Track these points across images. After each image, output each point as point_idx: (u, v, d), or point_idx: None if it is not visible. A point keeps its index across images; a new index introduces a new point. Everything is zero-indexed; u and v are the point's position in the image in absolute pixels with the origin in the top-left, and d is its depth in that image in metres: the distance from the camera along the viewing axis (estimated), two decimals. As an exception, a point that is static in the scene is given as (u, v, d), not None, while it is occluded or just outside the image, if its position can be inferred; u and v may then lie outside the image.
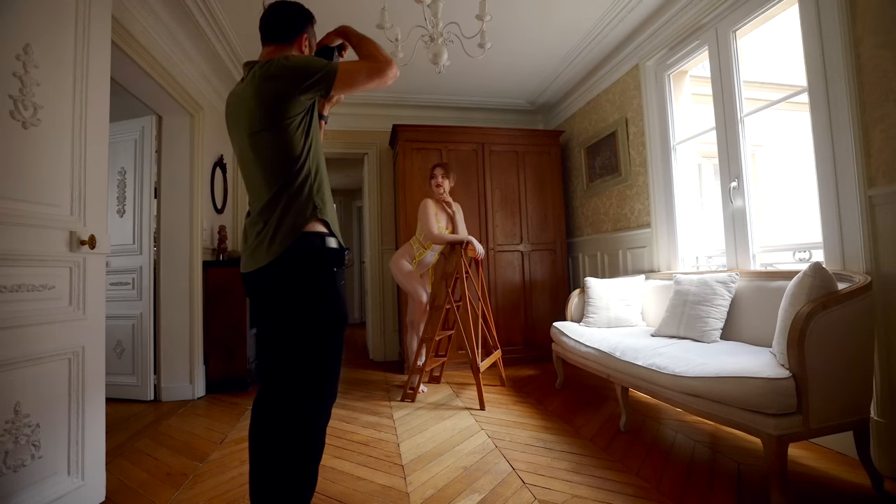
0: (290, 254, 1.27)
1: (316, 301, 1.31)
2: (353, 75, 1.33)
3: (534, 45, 3.59)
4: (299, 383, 1.30)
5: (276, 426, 1.29)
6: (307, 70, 1.28)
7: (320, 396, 1.32)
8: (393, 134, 4.24)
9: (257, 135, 1.30)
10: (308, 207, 1.31)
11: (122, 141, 3.31)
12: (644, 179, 3.45)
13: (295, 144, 1.30)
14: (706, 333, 2.31)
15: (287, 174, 1.30)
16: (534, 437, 2.31)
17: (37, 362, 1.53)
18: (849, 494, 1.66)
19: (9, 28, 1.47)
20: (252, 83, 1.30)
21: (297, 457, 1.29)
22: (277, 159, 1.30)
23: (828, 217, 2.05)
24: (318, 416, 1.32)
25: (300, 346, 1.30)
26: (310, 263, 1.29)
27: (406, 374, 3.80)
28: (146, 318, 3.20)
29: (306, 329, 1.30)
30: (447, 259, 3.41)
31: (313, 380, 1.31)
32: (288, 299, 1.30)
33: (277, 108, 1.27)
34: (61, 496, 1.58)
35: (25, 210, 1.51)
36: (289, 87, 1.26)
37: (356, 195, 8.26)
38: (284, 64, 1.28)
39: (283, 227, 1.28)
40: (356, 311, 8.20)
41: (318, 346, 1.31)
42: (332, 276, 1.33)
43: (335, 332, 1.34)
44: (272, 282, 1.30)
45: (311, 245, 1.29)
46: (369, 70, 1.35)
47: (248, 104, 1.30)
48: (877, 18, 1.85)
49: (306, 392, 1.30)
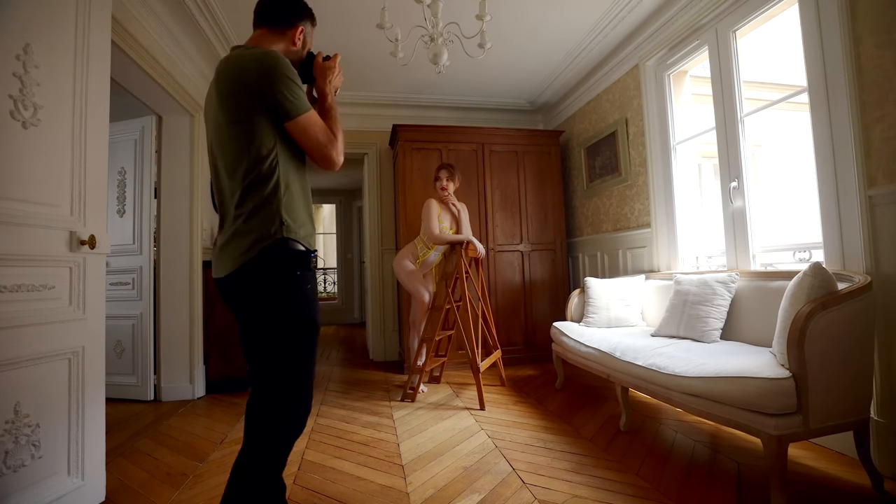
0: (251, 264, 1.22)
1: (281, 307, 1.24)
2: (315, 133, 1.27)
3: (534, 45, 3.59)
4: (269, 391, 1.25)
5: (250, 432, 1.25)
6: (281, 81, 1.21)
7: (290, 404, 1.26)
8: (393, 134, 4.23)
9: (225, 126, 1.25)
10: (273, 223, 1.23)
11: (122, 141, 3.31)
12: (644, 179, 3.45)
13: (260, 145, 1.23)
14: (706, 333, 2.31)
15: (252, 177, 1.23)
16: (534, 437, 2.31)
17: (37, 362, 1.53)
18: (849, 494, 1.66)
19: (9, 28, 1.47)
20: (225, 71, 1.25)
21: (256, 472, 1.22)
22: (241, 157, 1.24)
23: (828, 217, 2.05)
24: (287, 426, 1.26)
25: (268, 353, 1.25)
26: (272, 269, 1.23)
27: (406, 374, 3.80)
28: (146, 318, 3.20)
29: (273, 336, 1.25)
30: (447, 259, 3.41)
31: (281, 388, 1.25)
32: (253, 306, 1.26)
33: (242, 101, 1.22)
34: (61, 496, 1.58)
35: (25, 210, 1.51)
36: (256, 87, 1.21)
37: (356, 195, 8.26)
38: (263, 60, 1.22)
39: (245, 238, 1.22)
40: (356, 311, 8.20)
41: (286, 353, 1.25)
42: (296, 280, 1.26)
43: (304, 338, 1.28)
44: (237, 289, 1.26)
45: (273, 250, 1.23)
46: (330, 145, 1.30)
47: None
48: (877, 18, 1.85)
49: (277, 399, 1.25)
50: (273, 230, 1.22)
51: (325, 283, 10.41)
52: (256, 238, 1.21)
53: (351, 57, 3.67)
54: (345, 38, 3.36)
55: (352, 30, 3.23)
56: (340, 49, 3.50)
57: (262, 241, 1.21)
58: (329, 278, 10.36)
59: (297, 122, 1.25)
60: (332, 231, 9.69)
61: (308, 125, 1.27)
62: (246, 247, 1.22)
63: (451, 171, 3.42)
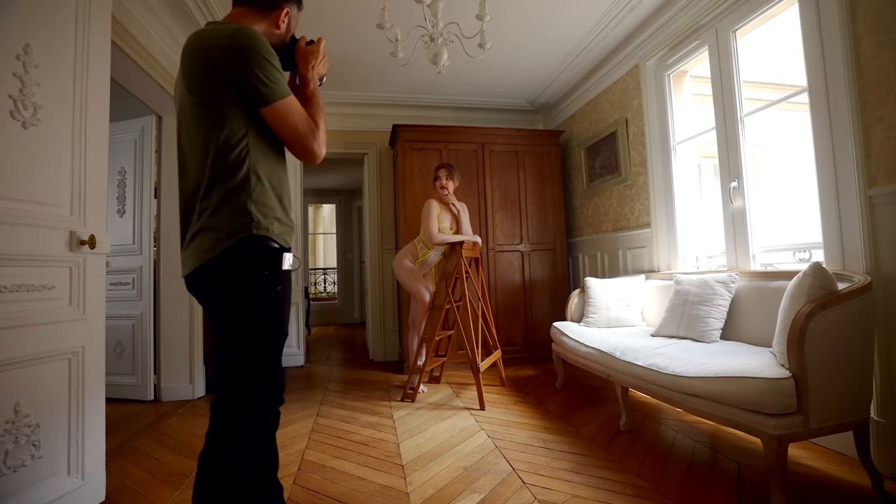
0: (216, 262, 1.12)
1: (243, 311, 1.14)
2: (293, 121, 1.16)
3: (534, 45, 3.59)
4: (228, 400, 1.16)
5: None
6: (255, 61, 1.11)
7: (246, 417, 1.15)
8: (393, 134, 4.23)
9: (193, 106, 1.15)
10: (241, 218, 1.12)
11: (122, 141, 3.31)
12: (644, 179, 3.45)
13: (229, 132, 1.13)
14: (706, 333, 2.31)
15: (219, 167, 1.13)
16: (534, 437, 2.31)
17: (37, 362, 1.53)
18: (849, 494, 1.66)
19: (9, 28, 1.47)
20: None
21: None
22: (208, 143, 1.13)
23: (828, 217, 2.05)
24: (241, 442, 1.14)
25: (228, 358, 1.16)
26: (237, 268, 1.13)
27: (406, 374, 3.80)
28: (146, 318, 3.20)
29: (233, 341, 1.15)
30: (447, 259, 3.42)
31: (238, 400, 1.15)
32: (215, 307, 1.17)
33: (210, 82, 1.12)
34: (61, 496, 1.58)
35: (25, 210, 1.51)
36: (226, 67, 1.11)
37: (356, 195, 8.26)
38: (236, 37, 1.11)
39: (210, 234, 1.12)
40: (356, 311, 8.20)
41: (245, 362, 1.15)
42: (263, 281, 1.15)
43: (265, 346, 1.16)
44: (201, 287, 1.18)
45: (239, 248, 1.12)
46: (310, 135, 1.19)
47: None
48: (877, 18, 1.85)
49: (233, 411, 1.15)
50: (241, 226, 1.12)
51: (325, 283, 10.41)
52: (223, 234, 1.11)
53: (351, 57, 3.67)
54: (345, 38, 3.36)
55: (352, 30, 3.23)
56: (340, 49, 3.51)
57: (228, 238, 1.11)
58: (329, 278, 10.35)
59: (273, 108, 1.14)
60: (332, 231, 9.69)
61: (286, 112, 1.16)
62: (210, 243, 1.12)
63: (451, 170, 3.42)
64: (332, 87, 4.30)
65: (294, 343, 4.44)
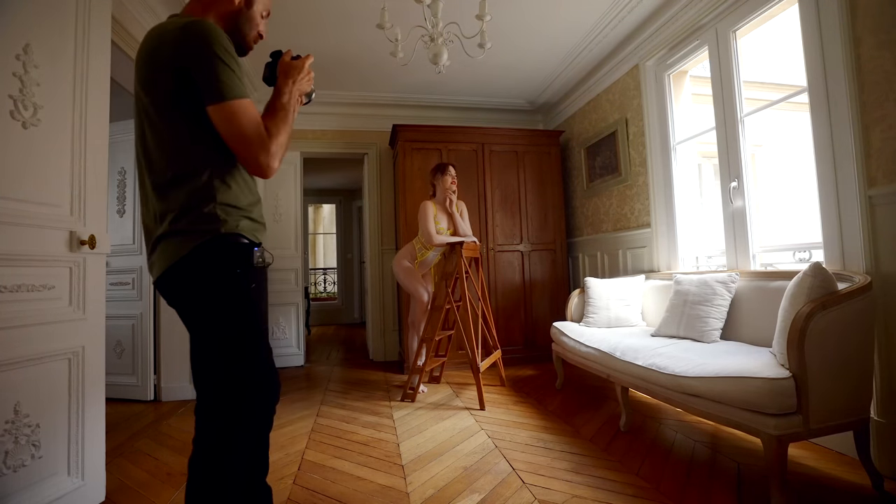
0: (184, 263, 1.07)
1: (217, 312, 1.09)
2: (241, 125, 1.05)
3: (534, 45, 3.59)
4: (207, 408, 1.12)
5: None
6: (203, 56, 1.03)
7: (226, 425, 1.10)
8: (393, 134, 4.24)
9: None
10: (206, 217, 1.07)
11: (122, 141, 3.31)
12: (644, 179, 3.45)
13: (188, 130, 1.08)
14: (706, 333, 2.31)
15: (177, 167, 1.07)
16: (534, 437, 2.31)
17: (37, 362, 1.53)
18: (849, 494, 1.66)
19: (9, 28, 1.47)
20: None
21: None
22: (164, 143, 1.08)
23: (828, 217, 2.05)
24: (225, 450, 1.10)
25: (206, 363, 1.10)
26: (207, 268, 1.08)
27: (406, 374, 3.80)
28: (146, 318, 3.20)
29: (210, 344, 1.10)
30: (447, 259, 3.42)
31: (220, 404, 1.10)
32: (187, 310, 1.12)
33: (161, 77, 1.06)
34: (61, 496, 1.58)
35: (25, 210, 1.51)
36: (176, 61, 1.05)
37: (356, 195, 8.26)
38: (188, 29, 1.04)
39: (175, 237, 1.07)
40: (356, 311, 8.20)
41: (225, 363, 1.09)
42: (235, 279, 1.10)
43: (243, 347, 1.11)
44: (171, 291, 1.13)
45: (207, 247, 1.07)
46: (258, 144, 1.07)
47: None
48: (877, 18, 1.85)
49: (212, 418, 1.11)
50: (207, 226, 1.07)
51: (325, 283, 10.41)
52: (190, 236, 1.06)
53: (351, 57, 3.67)
54: (345, 38, 3.36)
55: (352, 30, 3.23)
56: (341, 49, 3.51)
57: (196, 239, 1.06)
58: (329, 278, 10.35)
59: (220, 108, 1.04)
60: (332, 231, 9.69)
61: (234, 114, 1.04)
62: (176, 246, 1.07)
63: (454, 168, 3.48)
64: (333, 87, 4.30)
65: (294, 343, 4.44)
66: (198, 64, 1.03)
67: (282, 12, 2.96)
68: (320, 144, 4.62)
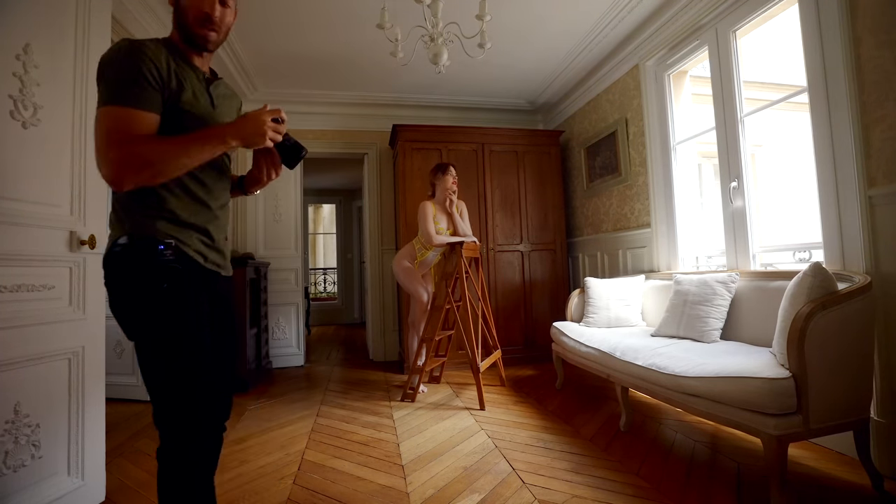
0: (104, 267, 1.10)
1: (126, 320, 1.09)
2: (99, 130, 1.02)
3: (534, 45, 3.59)
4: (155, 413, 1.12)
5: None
6: (100, 69, 1.06)
7: (169, 431, 1.09)
8: (393, 134, 4.24)
9: None
10: (116, 224, 1.09)
11: (122, 141, 3.31)
12: (644, 179, 3.45)
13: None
14: (706, 333, 2.31)
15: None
16: (534, 437, 2.31)
17: (37, 362, 1.53)
18: (849, 494, 1.66)
19: (9, 28, 1.47)
20: None
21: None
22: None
23: (828, 217, 2.05)
24: (169, 453, 1.10)
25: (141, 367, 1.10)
26: (110, 272, 1.08)
27: (406, 374, 3.80)
28: (146, 318, 3.19)
29: (136, 349, 1.10)
30: (447, 259, 3.42)
31: (158, 415, 1.11)
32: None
33: None
34: (61, 496, 1.58)
35: (25, 210, 1.51)
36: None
37: (356, 195, 8.26)
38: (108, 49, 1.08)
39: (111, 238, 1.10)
40: (356, 311, 8.20)
41: (149, 379, 1.09)
42: (137, 280, 1.06)
43: (165, 358, 1.07)
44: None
45: (117, 249, 1.07)
46: (107, 149, 0.99)
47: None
48: (877, 18, 1.85)
49: (158, 423, 1.11)
50: (118, 231, 1.08)
51: (325, 283, 10.41)
52: (111, 239, 1.10)
53: (351, 57, 3.67)
54: (345, 38, 3.36)
55: (352, 30, 3.23)
56: (341, 49, 3.51)
57: (112, 240, 1.09)
58: (329, 278, 10.35)
59: (96, 113, 1.04)
60: (332, 231, 9.69)
61: (97, 120, 1.03)
62: (106, 249, 1.11)
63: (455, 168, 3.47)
64: (333, 87, 4.30)
65: (294, 343, 4.44)
66: (98, 75, 1.07)
67: (282, 13, 2.96)
68: (320, 144, 4.62)
